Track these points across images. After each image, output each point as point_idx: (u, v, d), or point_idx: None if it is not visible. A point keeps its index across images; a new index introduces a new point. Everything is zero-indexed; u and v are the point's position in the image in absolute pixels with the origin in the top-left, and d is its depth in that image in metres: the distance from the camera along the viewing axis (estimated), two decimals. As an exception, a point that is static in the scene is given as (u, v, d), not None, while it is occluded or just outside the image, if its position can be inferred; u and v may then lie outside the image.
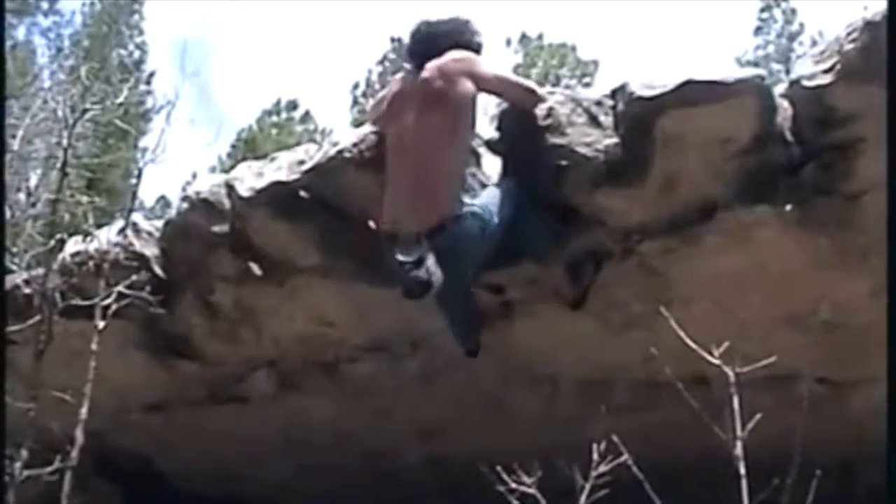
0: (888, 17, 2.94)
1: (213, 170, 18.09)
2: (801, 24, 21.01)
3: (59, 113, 4.42)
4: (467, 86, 3.45)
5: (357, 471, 5.45)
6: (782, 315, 3.77)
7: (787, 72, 11.40)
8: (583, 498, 2.91)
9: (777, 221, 3.42)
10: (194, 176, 15.85)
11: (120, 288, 4.09)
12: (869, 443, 3.33)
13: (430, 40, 3.63)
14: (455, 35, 3.63)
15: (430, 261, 3.28)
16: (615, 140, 3.43)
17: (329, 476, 5.51)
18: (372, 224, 3.73)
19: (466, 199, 3.45)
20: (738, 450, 2.30)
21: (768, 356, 2.79)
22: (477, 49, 3.66)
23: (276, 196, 3.90)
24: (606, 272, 3.75)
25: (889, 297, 2.75)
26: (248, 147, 19.20)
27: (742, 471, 2.29)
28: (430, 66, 3.50)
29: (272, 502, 6.02)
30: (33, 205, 4.72)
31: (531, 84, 3.72)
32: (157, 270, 4.39)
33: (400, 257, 3.30)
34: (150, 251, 4.40)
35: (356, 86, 22.28)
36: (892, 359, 2.63)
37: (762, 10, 21.51)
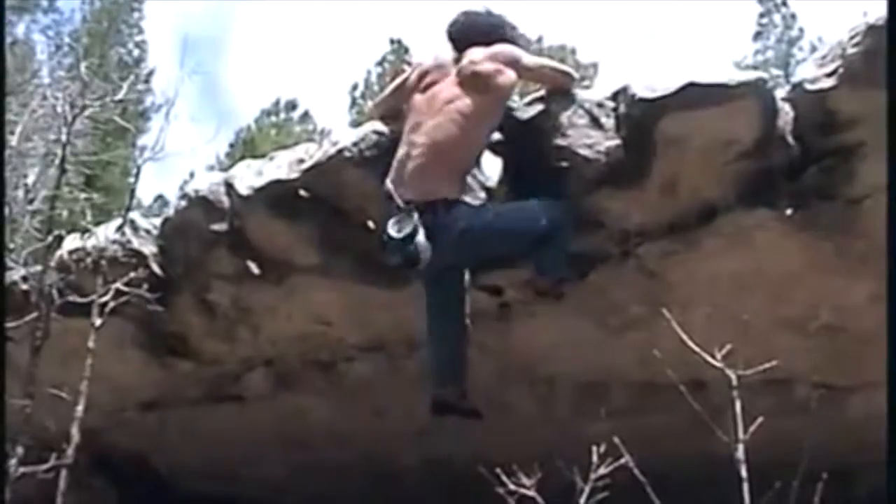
0: (888, 21, 2.94)
1: (211, 169, 18.08)
2: (801, 30, 21.09)
3: (58, 109, 4.40)
4: (511, 76, 3.48)
5: (354, 471, 5.43)
6: (782, 319, 3.77)
7: (787, 77, 11.40)
8: (582, 500, 2.90)
9: (778, 225, 3.41)
10: (192, 175, 15.84)
11: (117, 285, 4.08)
12: (869, 448, 3.32)
13: (472, 30, 3.68)
14: (498, 29, 3.69)
15: (421, 237, 3.23)
16: (616, 142, 3.42)
17: (326, 476, 5.49)
18: (371, 224, 3.72)
19: (470, 201, 3.43)
20: (740, 453, 2.28)
21: (767, 360, 2.78)
22: (516, 44, 3.70)
23: (275, 195, 3.88)
24: (605, 274, 3.74)
25: (889, 302, 2.74)
26: (247, 147, 19.19)
27: (744, 473, 2.27)
28: (477, 51, 3.54)
29: (269, 502, 6.00)
30: (31, 201, 4.69)
31: (566, 68, 3.77)
32: (155, 268, 4.37)
33: (391, 231, 3.27)
34: (148, 249, 4.38)
35: (355, 87, 22.30)
36: (892, 364, 2.62)
37: (761, 16, 21.56)
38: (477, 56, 3.51)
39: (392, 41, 21.90)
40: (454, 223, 3.31)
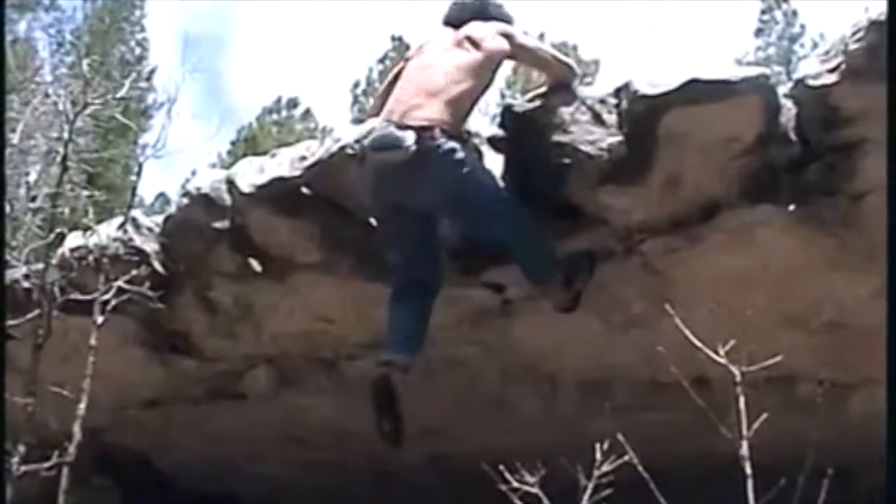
0: (889, 16, 2.93)
1: (213, 166, 18.08)
2: (803, 26, 21.07)
3: (60, 107, 4.40)
4: (502, 43, 3.55)
5: (357, 469, 5.43)
6: (785, 315, 3.76)
7: (788, 74, 11.38)
8: (585, 497, 2.90)
9: (780, 221, 3.40)
10: (194, 172, 15.85)
11: (119, 283, 4.08)
12: (869, 446, 3.31)
13: (464, 13, 3.73)
14: (488, 9, 3.74)
15: (408, 136, 3.23)
16: (619, 138, 3.41)
17: (328, 474, 5.49)
18: (373, 220, 3.71)
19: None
20: (744, 450, 2.28)
21: (770, 357, 2.77)
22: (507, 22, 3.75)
23: (277, 192, 3.88)
24: (608, 271, 3.73)
25: (889, 299, 2.73)
26: (249, 145, 19.19)
27: (748, 471, 2.27)
28: (474, 23, 3.62)
29: (270, 500, 6.00)
30: (33, 199, 4.70)
31: (566, 59, 3.77)
32: (157, 266, 4.37)
33: (381, 129, 3.32)
34: (150, 247, 4.38)
35: (357, 84, 22.30)
36: (892, 361, 2.61)
37: (763, 12, 21.53)
38: (473, 25, 3.61)
39: (393, 38, 21.89)
40: (452, 152, 3.29)
